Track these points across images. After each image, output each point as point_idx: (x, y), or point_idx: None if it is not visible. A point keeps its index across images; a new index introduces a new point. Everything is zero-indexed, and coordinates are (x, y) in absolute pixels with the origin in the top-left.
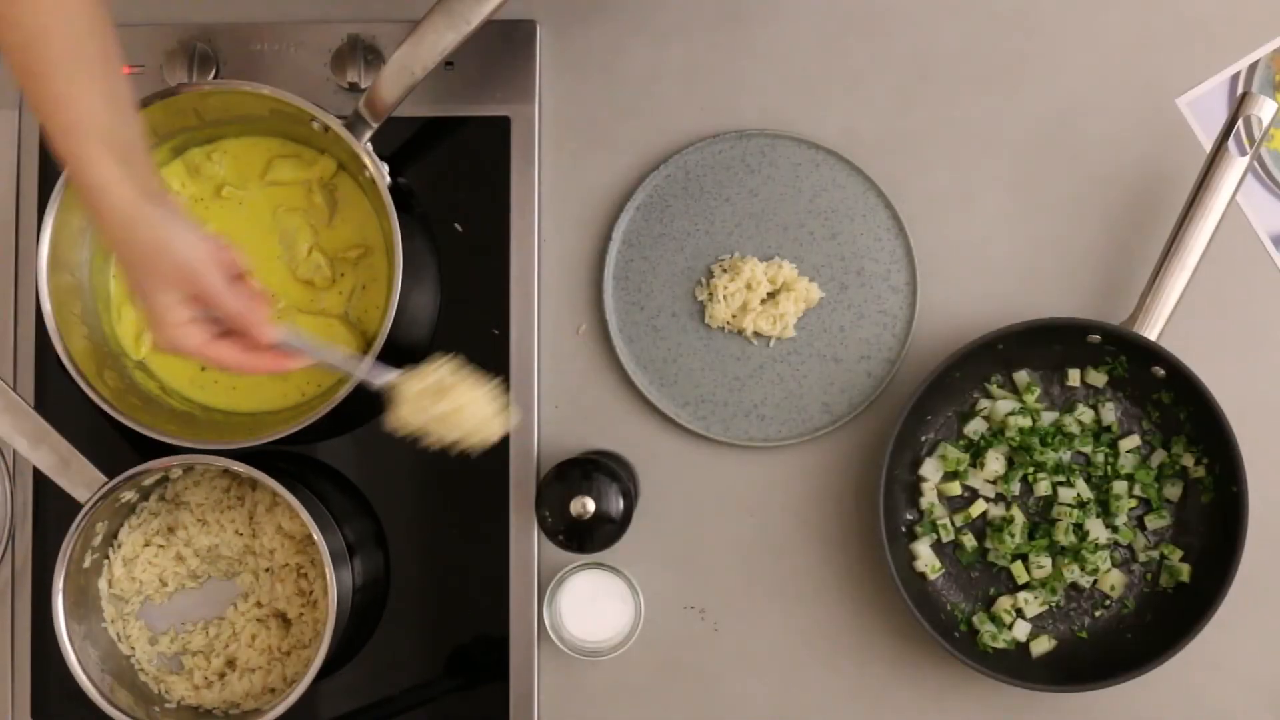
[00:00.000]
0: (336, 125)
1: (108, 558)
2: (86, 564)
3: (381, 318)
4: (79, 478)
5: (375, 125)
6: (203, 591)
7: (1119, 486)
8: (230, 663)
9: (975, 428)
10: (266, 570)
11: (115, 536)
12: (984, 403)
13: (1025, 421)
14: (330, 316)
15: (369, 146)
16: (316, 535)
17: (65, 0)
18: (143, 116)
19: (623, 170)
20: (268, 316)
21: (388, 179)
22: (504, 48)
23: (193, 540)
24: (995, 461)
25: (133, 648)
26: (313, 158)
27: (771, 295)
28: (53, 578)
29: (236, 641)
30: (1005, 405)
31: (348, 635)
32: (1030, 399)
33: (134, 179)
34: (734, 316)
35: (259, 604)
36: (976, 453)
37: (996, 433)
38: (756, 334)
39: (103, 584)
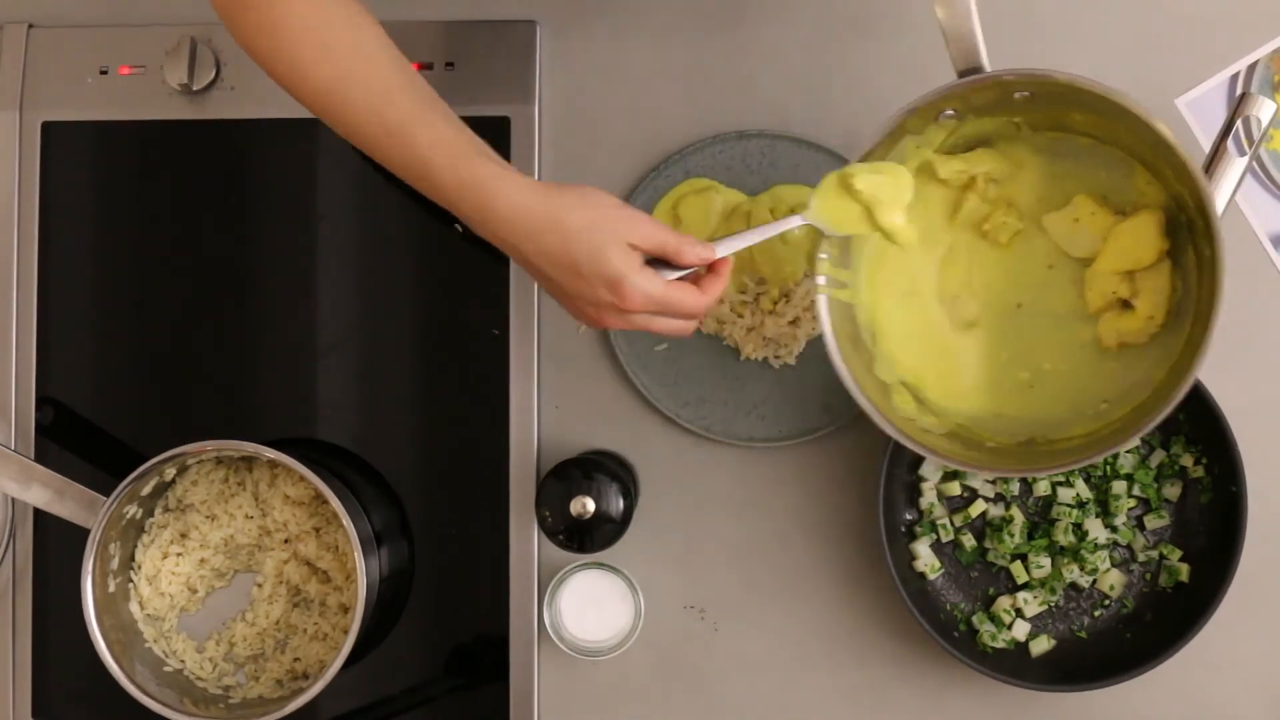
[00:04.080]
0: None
1: (131, 581)
2: (112, 589)
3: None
4: (77, 505)
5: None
6: (233, 588)
7: (1118, 486)
8: (279, 645)
9: None
10: (285, 541)
11: (133, 559)
12: None
13: None
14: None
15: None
16: (323, 488)
17: (372, 46)
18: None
19: (623, 170)
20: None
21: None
22: (504, 48)
23: (207, 538)
24: None
25: (182, 661)
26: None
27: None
28: (86, 620)
29: (270, 619)
30: None
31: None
32: None
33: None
34: (721, 324)
35: (284, 581)
36: None
37: None
38: (766, 361)
39: (134, 607)
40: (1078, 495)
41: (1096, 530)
